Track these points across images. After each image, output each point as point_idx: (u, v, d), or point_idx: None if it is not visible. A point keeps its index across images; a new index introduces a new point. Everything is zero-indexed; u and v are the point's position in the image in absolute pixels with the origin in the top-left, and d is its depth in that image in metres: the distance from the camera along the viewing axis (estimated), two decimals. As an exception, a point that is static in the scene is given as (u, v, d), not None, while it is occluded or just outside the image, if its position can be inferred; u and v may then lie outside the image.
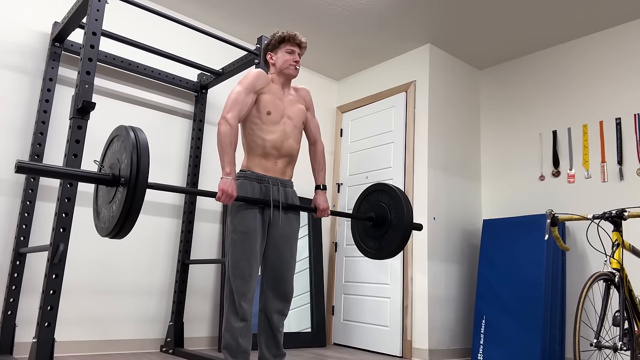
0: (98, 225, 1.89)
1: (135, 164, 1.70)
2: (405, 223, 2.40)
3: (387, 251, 2.47)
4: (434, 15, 3.57)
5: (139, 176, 1.69)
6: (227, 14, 3.70)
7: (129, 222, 1.72)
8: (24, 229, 2.78)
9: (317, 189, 2.36)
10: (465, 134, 4.17)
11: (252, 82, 2.16)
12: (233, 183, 2.01)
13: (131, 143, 1.73)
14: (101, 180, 1.78)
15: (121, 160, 1.78)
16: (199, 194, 2.11)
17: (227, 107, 2.10)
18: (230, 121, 2.07)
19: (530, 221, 3.47)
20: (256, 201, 2.10)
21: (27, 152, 2.92)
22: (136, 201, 1.69)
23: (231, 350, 2.05)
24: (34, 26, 3.04)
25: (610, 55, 3.58)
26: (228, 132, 2.05)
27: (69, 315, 2.96)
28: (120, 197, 1.73)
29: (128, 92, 3.40)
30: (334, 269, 4.29)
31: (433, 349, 3.49)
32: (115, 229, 1.74)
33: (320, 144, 2.42)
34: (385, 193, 2.54)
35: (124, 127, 1.82)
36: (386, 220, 2.49)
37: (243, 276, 2.05)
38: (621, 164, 3.37)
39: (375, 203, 2.57)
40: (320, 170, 2.39)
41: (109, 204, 1.81)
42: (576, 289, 3.43)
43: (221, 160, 2.04)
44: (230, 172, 2.02)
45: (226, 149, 2.04)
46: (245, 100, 2.13)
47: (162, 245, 3.41)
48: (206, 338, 3.53)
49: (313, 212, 2.34)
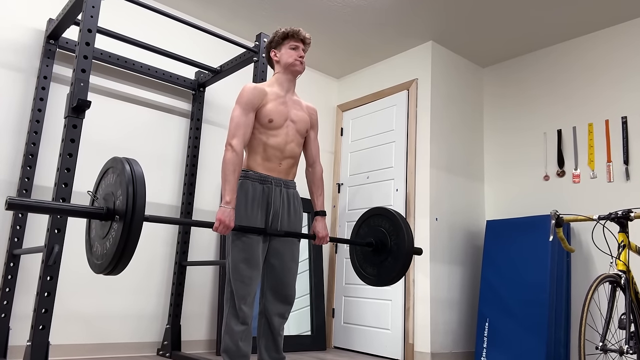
0: (91, 260, 1.84)
1: (131, 199, 1.65)
2: (406, 250, 2.36)
3: (386, 278, 2.42)
4: (437, 11, 3.57)
5: (136, 212, 1.65)
6: (225, 11, 3.70)
7: (125, 258, 1.67)
8: (18, 230, 2.78)
9: (317, 216, 2.33)
10: (468, 133, 4.17)
11: (249, 100, 2.13)
12: (232, 213, 2.00)
13: (127, 177, 1.69)
14: (95, 214, 1.74)
15: (116, 194, 1.73)
16: (195, 224, 2.06)
17: (231, 132, 2.09)
18: (236, 148, 2.06)
19: (535, 222, 3.47)
20: (254, 230, 2.07)
21: (21, 151, 2.91)
22: (132, 238, 1.65)
23: (231, 353, 2.04)
24: (28, 23, 3.04)
25: (616, 53, 3.58)
26: (233, 159, 2.05)
27: (64, 318, 2.96)
28: (115, 234, 1.68)
29: (124, 91, 3.40)
30: (335, 271, 4.29)
31: (435, 352, 3.49)
32: (110, 266, 1.69)
33: (319, 167, 2.38)
34: (385, 218, 2.50)
35: (119, 160, 1.78)
36: (386, 246, 2.45)
37: (243, 279, 2.05)
38: (627, 163, 3.37)
39: (375, 228, 2.53)
40: (319, 196, 2.35)
41: (102, 240, 1.77)
42: (581, 291, 3.43)
43: (222, 187, 2.04)
44: (230, 201, 2.01)
45: (229, 177, 2.03)
46: (246, 121, 2.12)
47: (159, 246, 3.41)
48: (204, 341, 3.53)
49: (312, 239, 2.32)
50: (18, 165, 2.91)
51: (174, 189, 3.54)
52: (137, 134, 3.41)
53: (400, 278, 2.42)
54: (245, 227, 2.05)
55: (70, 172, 2.31)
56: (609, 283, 2.19)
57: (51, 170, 3.01)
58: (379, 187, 4.07)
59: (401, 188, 3.88)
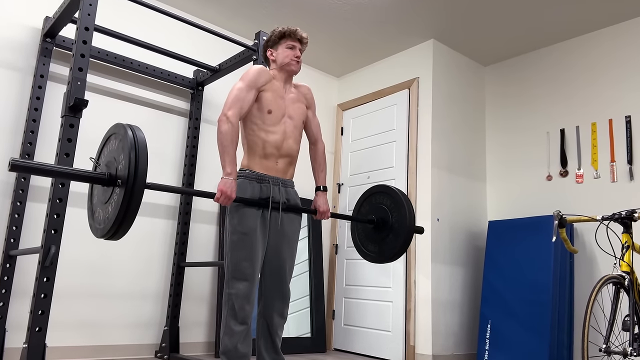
0: (93, 226, 1.89)
1: (133, 165, 1.69)
2: (407, 226, 2.40)
3: (387, 255, 2.46)
4: (438, 10, 3.57)
5: (137, 177, 1.68)
6: (223, 9, 3.70)
7: (126, 223, 1.72)
8: (14, 231, 2.77)
9: (318, 191, 2.36)
10: (470, 132, 4.16)
11: (254, 78, 2.15)
12: (233, 184, 2.01)
13: (129, 142, 1.72)
14: (97, 179, 1.77)
15: (118, 160, 1.77)
16: (197, 194, 2.11)
17: (227, 104, 2.09)
18: (232, 119, 2.06)
19: (537, 222, 3.47)
20: (255, 202, 2.10)
21: (17, 151, 2.91)
22: (134, 203, 1.69)
23: (230, 355, 2.04)
24: (24, 21, 3.04)
25: (619, 52, 3.57)
26: (229, 130, 2.05)
27: (61, 320, 2.96)
28: (117, 199, 1.72)
29: (122, 89, 3.40)
30: (335, 272, 4.28)
31: (437, 354, 3.48)
32: (112, 230, 1.73)
33: (321, 144, 2.42)
34: (386, 195, 2.53)
35: (121, 125, 1.81)
36: (387, 223, 2.49)
37: (245, 277, 2.05)
38: (631, 163, 3.37)
39: (377, 205, 2.57)
40: (320, 171, 2.39)
41: (104, 205, 1.81)
42: (585, 293, 3.42)
43: (222, 159, 2.04)
44: (231, 172, 2.02)
45: (227, 148, 2.04)
46: (246, 97, 2.12)
47: (157, 247, 3.41)
48: (202, 343, 3.53)
49: (313, 214, 2.34)
50: (14, 165, 2.90)
51: (172, 189, 3.53)
52: (135, 133, 3.41)
53: (401, 254, 2.46)
54: (246, 199, 2.07)
55: (67, 172, 2.30)
56: (613, 284, 2.19)
57: (48, 170, 3.00)
58: (380, 187, 4.07)
59: (402, 188, 3.87)
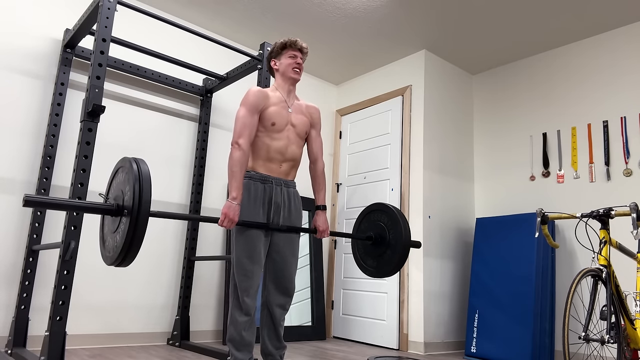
0: (103, 254, 1.87)
1: (138, 195, 1.68)
2: (403, 242, 2.36)
3: (385, 270, 2.43)
4: (430, 22, 3.57)
5: (142, 206, 1.68)
6: (230, 22, 3.71)
7: (133, 251, 1.70)
8: (36, 227, 2.78)
9: (318, 210, 2.32)
10: (459, 136, 4.17)
11: (254, 102, 2.14)
12: (237, 208, 2.00)
13: (134, 175, 1.71)
14: (106, 210, 1.77)
15: (125, 191, 1.76)
16: (201, 219, 2.05)
17: (237, 131, 2.09)
18: (243, 146, 2.07)
19: (521, 220, 3.47)
20: (257, 225, 2.08)
21: (39, 153, 2.92)
22: (139, 230, 1.68)
23: (235, 342, 2.05)
24: (46, 33, 3.04)
25: (598, 60, 3.58)
26: (240, 157, 2.05)
27: (80, 310, 2.97)
28: (123, 228, 1.71)
29: (136, 96, 3.40)
30: (334, 266, 4.29)
31: (428, 341, 3.49)
32: (119, 258, 1.72)
33: (320, 163, 2.37)
34: (383, 213, 2.50)
35: (127, 160, 1.80)
36: (385, 239, 2.46)
37: (245, 273, 2.06)
38: (608, 164, 3.37)
39: (375, 222, 2.54)
40: (320, 191, 2.34)
41: (113, 234, 1.80)
42: (565, 285, 3.43)
43: (229, 183, 2.04)
44: (237, 197, 2.01)
45: (236, 174, 2.04)
46: (252, 121, 2.12)
47: (169, 243, 3.41)
48: (211, 331, 3.53)
49: (313, 233, 2.31)
50: (37, 167, 2.91)
51: (183, 189, 3.54)
52: (148, 137, 3.42)
53: (398, 270, 2.42)
54: (248, 222, 2.05)
55: (85, 172, 2.31)
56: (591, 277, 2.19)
57: (68, 170, 3.01)
58: (376, 187, 4.07)
59: (396, 188, 3.88)
